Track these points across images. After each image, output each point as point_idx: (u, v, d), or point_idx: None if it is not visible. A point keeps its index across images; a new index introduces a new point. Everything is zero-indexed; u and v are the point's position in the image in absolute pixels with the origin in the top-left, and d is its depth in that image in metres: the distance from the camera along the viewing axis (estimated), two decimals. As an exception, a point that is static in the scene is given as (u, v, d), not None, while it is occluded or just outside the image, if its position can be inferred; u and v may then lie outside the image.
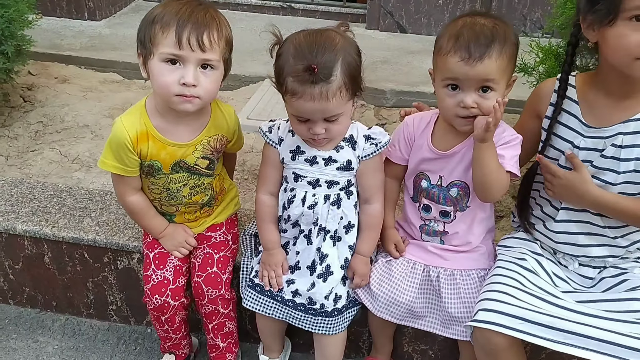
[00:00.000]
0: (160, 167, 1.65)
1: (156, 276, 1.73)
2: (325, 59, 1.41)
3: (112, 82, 3.42)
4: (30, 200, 2.09)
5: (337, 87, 1.42)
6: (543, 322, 1.38)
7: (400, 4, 4.08)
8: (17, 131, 2.83)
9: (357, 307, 1.74)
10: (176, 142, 1.63)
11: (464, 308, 1.62)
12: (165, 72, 1.48)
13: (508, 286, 1.49)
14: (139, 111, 1.62)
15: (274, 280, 1.69)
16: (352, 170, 1.61)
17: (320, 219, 1.63)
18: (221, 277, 1.75)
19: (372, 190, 1.66)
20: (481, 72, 1.43)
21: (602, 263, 1.59)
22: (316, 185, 1.62)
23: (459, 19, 1.50)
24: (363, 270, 1.69)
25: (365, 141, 1.60)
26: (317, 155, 1.60)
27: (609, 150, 1.46)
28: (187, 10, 1.48)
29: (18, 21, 2.69)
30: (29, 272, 2.09)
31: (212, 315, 1.79)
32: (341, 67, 1.42)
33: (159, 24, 1.47)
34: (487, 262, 1.69)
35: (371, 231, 1.70)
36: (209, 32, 1.48)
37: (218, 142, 1.70)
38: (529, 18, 4.04)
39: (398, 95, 3.31)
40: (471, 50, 1.42)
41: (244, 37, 3.98)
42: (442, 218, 1.68)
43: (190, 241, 1.79)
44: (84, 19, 4.11)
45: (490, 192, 1.55)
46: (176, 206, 1.77)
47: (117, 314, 2.13)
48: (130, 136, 1.58)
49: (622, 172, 1.46)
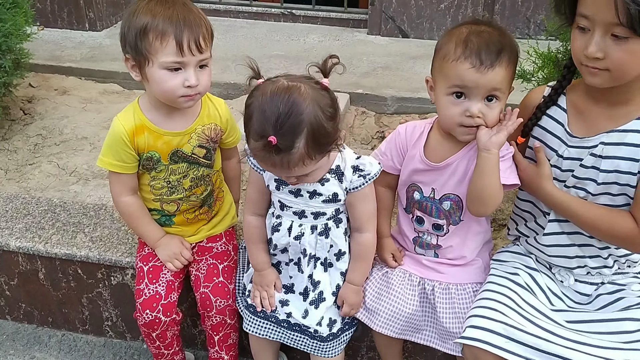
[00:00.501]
0: (159, 158, 1.67)
1: (148, 290, 1.70)
2: (286, 131, 1.30)
3: (112, 92, 3.41)
4: (24, 216, 2.08)
5: (299, 157, 1.32)
6: (528, 342, 1.36)
7: (402, 9, 4.04)
8: (16, 144, 2.83)
9: (353, 327, 1.71)
10: (171, 130, 1.66)
11: (458, 323, 1.58)
12: (168, 78, 1.53)
13: (497, 302, 1.46)
14: (132, 108, 1.66)
15: (266, 302, 1.66)
16: (339, 202, 1.55)
17: (308, 248, 1.59)
18: (228, 287, 1.74)
19: (363, 219, 1.59)
20: (491, 80, 1.39)
21: (599, 278, 1.54)
22: (302, 216, 1.56)
23: (462, 26, 1.46)
24: (353, 300, 1.64)
25: (353, 173, 1.52)
26: (302, 188, 1.52)
27: (588, 160, 1.42)
28: (178, 15, 1.50)
29: (16, 35, 2.69)
30: (24, 288, 2.08)
31: (219, 327, 1.76)
32: (305, 138, 1.31)
33: (153, 32, 1.49)
34: (483, 275, 1.65)
35: (362, 261, 1.64)
36: (202, 32, 1.52)
37: (212, 131, 1.72)
38: (533, 20, 3.99)
39: (399, 101, 3.27)
40: (482, 58, 1.38)
41: (244, 45, 3.98)
42: (435, 231, 1.64)
43: (185, 254, 1.77)
44: (85, 29, 4.11)
45: (484, 206, 1.50)
46: (177, 202, 1.75)
47: (112, 329, 2.11)
48: (126, 129, 1.62)
49: (601, 183, 1.42)
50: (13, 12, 2.67)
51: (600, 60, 1.28)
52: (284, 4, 4.42)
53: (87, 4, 4.04)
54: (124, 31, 1.54)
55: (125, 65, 1.58)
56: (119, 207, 1.76)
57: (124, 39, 1.55)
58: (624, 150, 1.37)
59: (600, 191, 1.43)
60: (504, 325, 1.39)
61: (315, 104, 1.33)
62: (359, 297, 1.65)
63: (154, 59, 1.51)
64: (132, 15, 1.52)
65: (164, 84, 1.53)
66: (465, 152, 1.53)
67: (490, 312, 1.43)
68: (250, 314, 1.70)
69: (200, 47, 1.52)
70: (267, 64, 3.68)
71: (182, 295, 1.84)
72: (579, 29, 1.30)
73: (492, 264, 1.65)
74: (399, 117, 3.24)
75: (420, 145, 1.60)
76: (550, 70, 1.96)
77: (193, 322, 2.00)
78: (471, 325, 1.43)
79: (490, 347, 1.36)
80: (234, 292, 1.75)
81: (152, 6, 1.52)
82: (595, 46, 1.26)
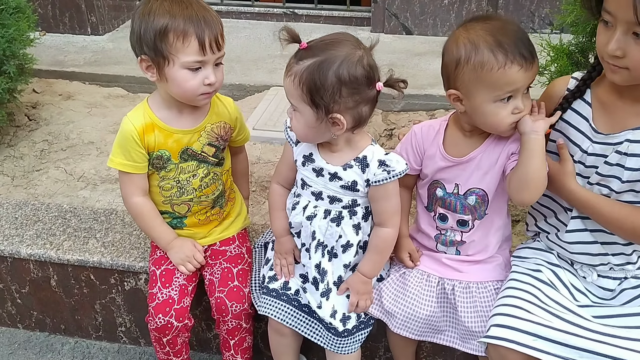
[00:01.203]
0: (169, 157, 1.66)
1: (161, 294, 1.69)
2: (315, 48, 1.40)
3: (116, 96, 3.39)
4: (34, 223, 2.06)
5: (296, 72, 1.39)
6: (557, 339, 1.34)
7: (405, 6, 4.02)
8: (22, 150, 2.82)
9: (369, 327, 1.68)
10: (181, 129, 1.66)
11: (481, 322, 1.55)
12: (189, 77, 1.54)
13: (522, 300, 1.43)
14: (142, 107, 1.67)
15: (286, 269, 1.68)
16: (357, 191, 1.54)
17: (317, 232, 1.59)
18: (243, 290, 1.72)
19: (386, 215, 1.58)
20: (535, 72, 1.42)
21: (622, 273, 1.52)
22: (319, 197, 1.58)
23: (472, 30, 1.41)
24: (360, 289, 1.61)
25: (379, 166, 1.51)
26: (324, 167, 1.54)
27: (613, 157, 1.40)
28: (197, 14, 1.51)
29: (19, 40, 2.67)
30: (36, 296, 2.06)
31: (235, 331, 1.75)
32: (312, 64, 1.37)
33: (173, 32, 1.49)
34: (504, 273, 1.63)
35: (378, 254, 1.62)
36: (220, 30, 1.55)
37: (222, 129, 1.72)
38: (537, 14, 3.97)
39: (406, 99, 3.24)
40: (525, 55, 1.37)
41: (248, 46, 3.96)
42: (459, 227, 1.62)
43: (198, 257, 1.75)
44: (87, 34, 4.09)
45: (530, 190, 1.43)
46: (187, 204, 1.74)
47: (126, 335, 2.09)
48: (136, 128, 1.62)
49: (625, 181, 1.40)
50: (16, 18, 2.65)
51: (620, 59, 1.26)
52: (286, 4, 4.40)
53: (89, 8, 4.02)
54: (139, 32, 1.52)
55: (139, 66, 1.57)
56: (130, 208, 1.74)
57: (139, 40, 1.53)
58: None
59: (624, 189, 1.41)
60: (530, 322, 1.37)
61: (346, 62, 1.37)
62: (367, 287, 1.63)
63: (175, 58, 1.51)
64: (147, 16, 1.51)
65: (185, 83, 1.54)
66: (488, 144, 1.52)
67: (515, 309, 1.41)
68: (271, 297, 1.68)
69: (219, 45, 1.54)
70: (270, 64, 3.66)
71: (196, 300, 1.82)
72: (603, 22, 1.28)
73: (513, 260, 1.63)
74: (406, 114, 3.22)
75: (439, 142, 1.59)
76: (564, 63, 1.94)
77: (208, 325, 1.98)
78: (496, 324, 1.40)
79: (518, 346, 1.34)
80: (249, 295, 1.73)
81: (168, 6, 1.51)
82: (615, 44, 1.25)
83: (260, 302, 1.69)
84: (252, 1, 4.46)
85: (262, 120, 2.96)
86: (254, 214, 2.30)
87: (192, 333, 1.91)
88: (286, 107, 1.52)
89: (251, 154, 2.71)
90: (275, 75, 3.47)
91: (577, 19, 1.91)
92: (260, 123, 2.93)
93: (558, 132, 1.52)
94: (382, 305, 1.65)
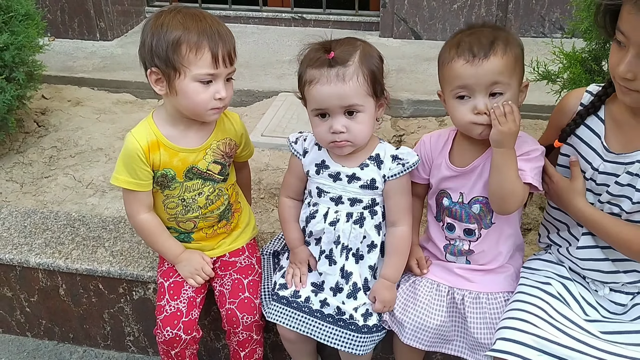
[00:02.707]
0: (174, 175, 1.64)
1: (169, 307, 1.67)
2: (343, 48, 1.46)
3: (125, 102, 3.39)
4: (43, 231, 2.06)
5: (353, 71, 1.44)
6: (561, 355, 1.32)
7: (414, 10, 4.00)
8: (31, 157, 2.81)
9: (385, 332, 1.67)
10: (186, 147, 1.63)
11: (489, 333, 1.54)
12: (200, 90, 1.52)
13: (528, 313, 1.41)
14: (147, 123, 1.64)
15: (298, 278, 1.67)
16: (376, 189, 1.58)
17: (342, 237, 1.60)
18: (254, 302, 1.71)
19: (399, 212, 1.61)
20: (488, 71, 1.38)
21: (634, 288, 1.49)
22: (339, 202, 1.59)
23: (457, 33, 1.49)
24: (385, 296, 1.62)
25: (392, 161, 1.57)
26: (341, 171, 1.57)
27: (624, 178, 1.38)
28: (212, 27, 1.51)
29: (28, 47, 2.67)
30: (45, 305, 2.05)
31: (246, 343, 1.73)
32: (359, 57, 1.45)
33: (186, 44, 1.48)
34: (514, 284, 1.61)
35: (397, 256, 1.63)
36: (233, 45, 1.55)
37: (227, 146, 1.70)
38: (548, 19, 3.94)
39: (415, 104, 3.22)
40: (474, 51, 1.39)
41: (256, 51, 3.95)
42: (466, 236, 1.61)
43: (206, 269, 1.74)
44: (96, 39, 4.10)
45: (505, 204, 1.47)
46: (193, 221, 1.72)
47: (134, 345, 2.08)
48: (141, 146, 1.59)
49: (636, 202, 1.37)
50: (25, 25, 2.65)
51: (631, 81, 1.24)
52: (295, 9, 4.39)
53: (98, 14, 4.03)
54: (150, 45, 1.51)
55: (148, 78, 1.56)
56: (137, 226, 1.72)
57: (150, 52, 1.52)
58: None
59: (635, 209, 1.38)
60: (535, 337, 1.35)
61: (367, 45, 1.51)
62: (392, 294, 1.63)
63: (186, 71, 1.50)
64: (160, 28, 1.50)
65: (195, 96, 1.53)
66: (489, 153, 1.50)
67: (521, 323, 1.39)
68: (281, 305, 1.67)
69: (232, 59, 1.54)
70: (279, 69, 3.65)
71: (205, 310, 1.81)
72: (616, 42, 1.25)
73: (523, 272, 1.61)
74: (415, 120, 3.20)
75: (445, 152, 1.60)
76: (576, 70, 1.91)
77: (216, 335, 1.97)
78: (502, 338, 1.39)
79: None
80: (260, 306, 1.72)
81: (181, 19, 1.51)
82: (626, 66, 1.22)
83: (269, 309, 1.68)
84: (261, 6, 4.45)
85: (271, 126, 2.94)
86: (262, 222, 2.28)
87: (201, 343, 1.90)
88: (295, 113, 1.54)
89: (260, 161, 2.70)
90: (283, 81, 3.46)
91: (590, 25, 1.88)
92: (269, 129, 2.91)
93: (570, 146, 1.50)
94: (393, 314, 1.63)
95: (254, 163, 2.67)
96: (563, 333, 1.38)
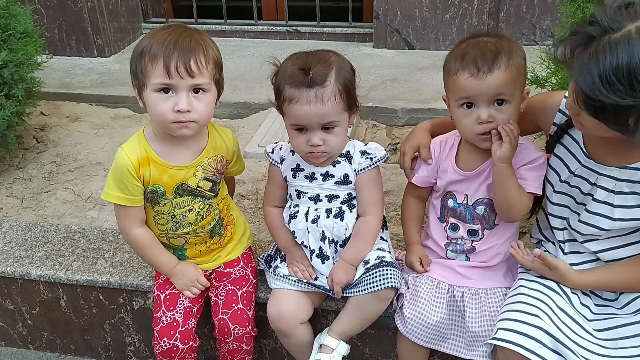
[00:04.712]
0: (163, 192, 1.63)
1: (166, 318, 1.69)
2: (319, 67, 1.50)
3: (123, 117, 3.43)
4: (44, 244, 2.08)
5: (331, 91, 1.49)
6: (559, 351, 1.35)
7: (407, 21, 4.05)
8: (31, 172, 2.85)
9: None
10: (176, 164, 1.63)
11: (487, 326, 1.57)
12: (159, 101, 1.51)
13: (530, 306, 1.45)
14: (138, 138, 1.64)
15: (306, 273, 1.69)
16: (350, 183, 1.65)
17: (326, 232, 1.66)
18: (247, 313, 1.72)
19: (369, 204, 1.66)
20: (492, 85, 1.44)
21: None
22: (317, 200, 1.67)
23: (463, 42, 1.52)
24: (341, 277, 1.62)
25: (361, 156, 1.64)
26: (315, 171, 1.66)
27: (600, 194, 1.43)
28: (172, 39, 1.49)
29: (27, 64, 2.71)
30: (46, 317, 2.07)
31: (235, 353, 1.75)
32: (335, 75, 1.51)
33: (147, 56, 1.49)
34: (512, 280, 1.64)
35: (360, 240, 1.67)
36: (196, 57, 1.49)
37: (218, 162, 1.70)
38: (538, 26, 3.99)
39: (410, 113, 3.27)
40: (479, 65, 1.43)
41: (252, 64, 3.99)
42: (470, 237, 1.66)
43: (202, 280, 1.76)
44: (94, 56, 4.16)
45: (512, 213, 1.56)
46: (184, 237, 1.73)
47: (135, 355, 2.09)
48: (132, 161, 1.58)
49: (617, 219, 1.43)
50: (24, 42, 2.69)
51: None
52: (289, 22, 4.45)
53: (95, 31, 4.08)
54: (131, 58, 1.55)
55: (135, 94, 1.59)
56: (130, 241, 1.73)
57: (130, 65, 1.55)
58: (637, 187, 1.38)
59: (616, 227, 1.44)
60: (536, 329, 1.38)
61: (339, 57, 1.56)
62: (348, 275, 1.64)
63: (147, 82, 1.50)
64: (139, 42, 1.55)
65: (155, 107, 1.51)
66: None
67: (523, 315, 1.42)
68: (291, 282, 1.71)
69: (190, 70, 1.48)
70: (275, 81, 3.69)
71: (204, 318, 1.83)
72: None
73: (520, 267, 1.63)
74: (410, 128, 3.23)
75: (452, 157, 1.65)
76: (564, 75, 1.95)
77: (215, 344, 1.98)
78: (503, 328, 1.42)
79: (523, 351, 1.35)
80: (253, 318, 1.75)
81: (154, 32, 1.54)
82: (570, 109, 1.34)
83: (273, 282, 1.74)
84: (256, 20, 4.51)
85: (267, 137, 2.98)
86: (260, 231, 2.31)
87: (201, 351, 1.92)
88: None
89: (257, 171, 2.73)
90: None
91: (576, 31, 1.92)
92: (265, 140, 2.95)
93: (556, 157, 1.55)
94: (401, 309, 1.66)
95: (251, 173, 2.71)
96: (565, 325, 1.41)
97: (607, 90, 1.15)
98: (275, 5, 4.70)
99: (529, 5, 3.95)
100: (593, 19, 1.21)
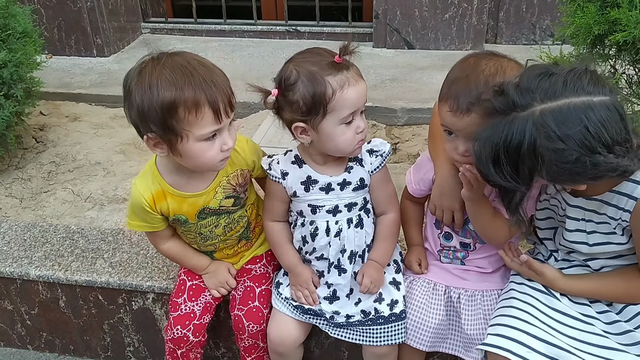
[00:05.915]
0: (186, 219, 1.61)
1: (185, 307, 1.70)
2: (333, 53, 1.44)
3: (122, 117, 3.42)
4: (42, 244, 2.07)
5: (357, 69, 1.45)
6: (550, 354, 1.35)
7: (407, 21, 4.05)
8: (30, 172, 2.84)
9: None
10: (194, 192, 1.57)
11: (481, 329, 1.57)
12: (207, 149, 1.41)
13: (518, 310, 1.44)
14: (151, 172, 1.57)
15: (309, 299, 1.65)
16: (366, 187, 1.60)
17: (347, 244, 1.60)
18: (263, 311, 1.71)
19: (386, 202, 1.64)
20: (469, 124, 1.34)
21: None
22: (336, 212, 1.58)
23: (467, 60, 1.42)
24: (373, 275, 1.60)
25: (370, 155, 1.59)
26: (331, 181, 1.56)
27: (570, 224, 1.43)
28: (202, 79, 1.35)
29: (26, 64, 2.71)
30: (45, 317, 2.07)
31: (252, 349, 1.74)
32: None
33: (183, 106, 1.33)
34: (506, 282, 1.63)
35: (386, 240, 1.65)
36: (230, 88, 1.40)
37: (239, 177, 1.62)
38: (538, 26, 4.00)
39: (409, 113, 3.27)
40: (459, 102, 1.34)
41: (251, 64, 3.99)
42: (462, 248, 1.65)
43: (231, 282, 1.76)
44: (93, 55, 4.15)
45: (492, 241, 1.57)
46: (214, 245, 1.74)
47: (135, 355, 2.09)
48: (146, 199, 1.55)
49: (593, 245, 1.43)
50: (23, 42, 2.69)
51: None
52: (289, 21, 4.45)
53: (94, 31, 4.08)
54: (141, 109, 1.34)
55: (146, 144, 1.42)
56: (162, 253, 1.77)
57: (142, 117, 1.35)
58: (604, 217, 1.38)
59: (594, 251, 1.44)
60: (524, 334, 1.38)
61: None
62: (380, 274, 1.62)
63: (188, 133, 1.36)
64: (149, 90, 1.33)
65: (202, 155, 1.41)
66: None
67: (512, 320, 1.41)
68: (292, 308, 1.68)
69: (232, 107, 1.40)
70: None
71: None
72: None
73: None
74: (410, 128, 3.24)
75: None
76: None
77: (215, 344, 1.98)
78: (493, 333, 1.41)
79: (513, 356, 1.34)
80: (269, 316, 1.72)
81: (169, 76, 1.33)
82: None
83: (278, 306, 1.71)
84: (255, 20, 4.51)
85: (267, 137, 2.98)
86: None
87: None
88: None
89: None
90: (279, 92, 3.49)
91: (577, 30, 1.92)
92: (265, 140, 2.95)
93: None
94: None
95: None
96: (552, 329, 1.40)
97: (494, 168, 1.20)
98: (274, 5, 4.70)
99: (528, 5, 3.95)
100: (504, 90, 1.21)
